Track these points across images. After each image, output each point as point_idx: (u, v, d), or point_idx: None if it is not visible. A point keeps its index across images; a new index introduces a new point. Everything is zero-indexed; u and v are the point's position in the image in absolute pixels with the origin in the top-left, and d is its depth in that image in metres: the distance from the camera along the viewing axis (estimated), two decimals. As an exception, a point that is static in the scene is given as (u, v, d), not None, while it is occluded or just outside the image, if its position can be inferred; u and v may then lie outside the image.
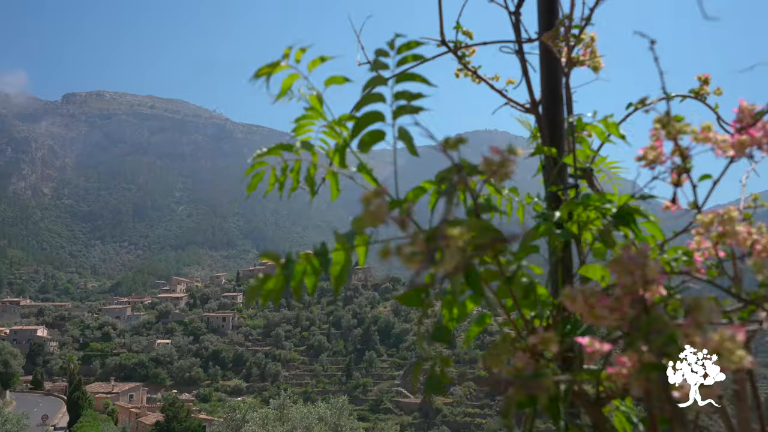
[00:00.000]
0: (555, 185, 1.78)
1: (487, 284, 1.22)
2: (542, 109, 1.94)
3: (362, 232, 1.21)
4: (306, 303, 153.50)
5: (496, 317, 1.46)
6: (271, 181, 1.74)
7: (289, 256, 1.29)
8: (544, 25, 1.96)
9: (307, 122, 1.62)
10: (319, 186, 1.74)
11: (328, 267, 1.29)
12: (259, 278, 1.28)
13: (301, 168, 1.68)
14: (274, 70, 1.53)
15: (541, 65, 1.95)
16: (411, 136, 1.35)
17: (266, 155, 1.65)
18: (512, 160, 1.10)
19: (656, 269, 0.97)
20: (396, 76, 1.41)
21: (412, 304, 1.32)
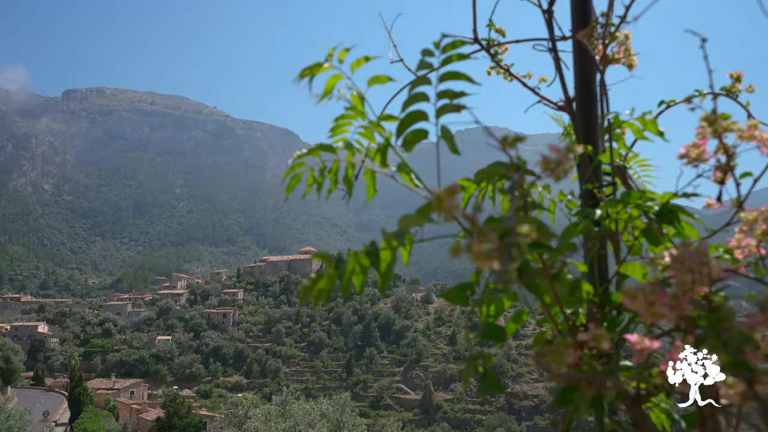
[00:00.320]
0: (590, 183, 1.77)
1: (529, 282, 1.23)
2: (576, 107, 1.93)
3: (408, 231, 1.25)
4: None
5: (533, 315, 1.47)
6: (309, 182, 1.75)
7: (341, 256, 1.34)
8: (577, 22, 1.95)
9: (345, 122, 1.64)
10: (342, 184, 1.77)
11: (379, 265, 1.32)
12: (312, 278, 1.35)
13: (339, 168, 1.69)
14: (317, 71, 1.56)
15: (574, 63, 1.94)
16: (452, 135, 1.37)
17: (306, 156, 1.67)
18: (570, 159, 1.11)
19: (719, 267, 0.96)
20: (440, 76, 1.43)
21: (457, 301, 1.33)
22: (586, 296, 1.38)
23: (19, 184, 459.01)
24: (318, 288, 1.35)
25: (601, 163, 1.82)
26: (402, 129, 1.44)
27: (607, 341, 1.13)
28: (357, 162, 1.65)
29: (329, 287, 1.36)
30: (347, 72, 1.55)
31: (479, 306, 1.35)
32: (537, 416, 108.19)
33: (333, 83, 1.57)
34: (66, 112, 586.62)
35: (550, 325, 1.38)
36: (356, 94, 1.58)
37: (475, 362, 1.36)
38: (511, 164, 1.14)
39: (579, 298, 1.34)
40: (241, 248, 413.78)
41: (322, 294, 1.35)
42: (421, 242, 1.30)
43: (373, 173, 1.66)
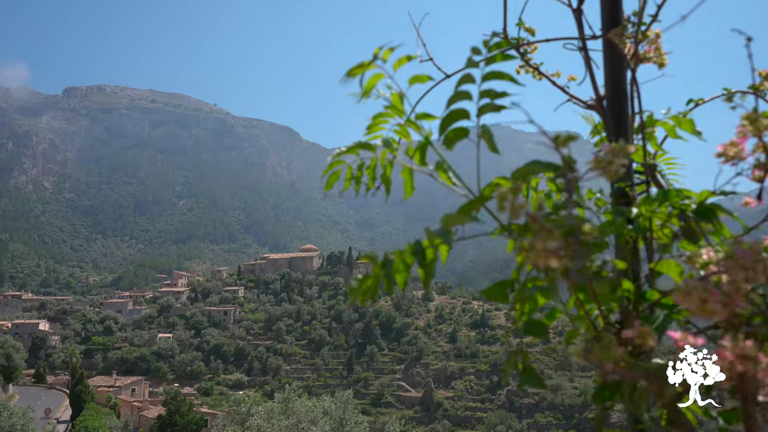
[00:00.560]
0: (622, 181, 1.77)
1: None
2: (607, 106, 1.93)
3: (451, 229, 1.31)
4: (307, 297, 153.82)
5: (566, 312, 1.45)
6: (347, 179, 1.78)
7: (387, 256, 1.39)
8: (607, 21, 1.96)
9: (382, 120, 1.67)
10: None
11: (425, 263, 1.37)
12: (359, 279, 1.40)
13: (377, 166, 1.73)
14: (364, 70, 1.60)
15: (604, 62, 1.95)
16: (492, 134, 1.40)
17: (345, 154, 1.70)
18: (623, 159, 1.12)
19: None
20: (484, 75, 1.47)
21: (497, 298, 1.35)
22: (626, 294, 1.40)
23: (19, 182, 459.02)
24: (364, 288, 1.39)
25: (632, 161, 1.82)
26: (444, 127, 1.46)
27: (652, 338, 1.14)
28: (392, 159, 1.70)
29: (375, 286, 1.40)
30: (390, 71, 1.60)
31: (519, 303, 1.37)
32: (537, 414, 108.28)
33: (374, 82, 1.62)
34: (66, 109, 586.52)
35: (583, 323, 1.38)
36: (397, 92, 1.62)
37: (515, 357, 1.42)
38: (565, 164, 1.15)
39: (619, 296, 1.36)
40: (241, 246, 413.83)
41: (368, 293, 1.40)
42: (462, 240, 1.34)
43: (411, 171, 1.68)
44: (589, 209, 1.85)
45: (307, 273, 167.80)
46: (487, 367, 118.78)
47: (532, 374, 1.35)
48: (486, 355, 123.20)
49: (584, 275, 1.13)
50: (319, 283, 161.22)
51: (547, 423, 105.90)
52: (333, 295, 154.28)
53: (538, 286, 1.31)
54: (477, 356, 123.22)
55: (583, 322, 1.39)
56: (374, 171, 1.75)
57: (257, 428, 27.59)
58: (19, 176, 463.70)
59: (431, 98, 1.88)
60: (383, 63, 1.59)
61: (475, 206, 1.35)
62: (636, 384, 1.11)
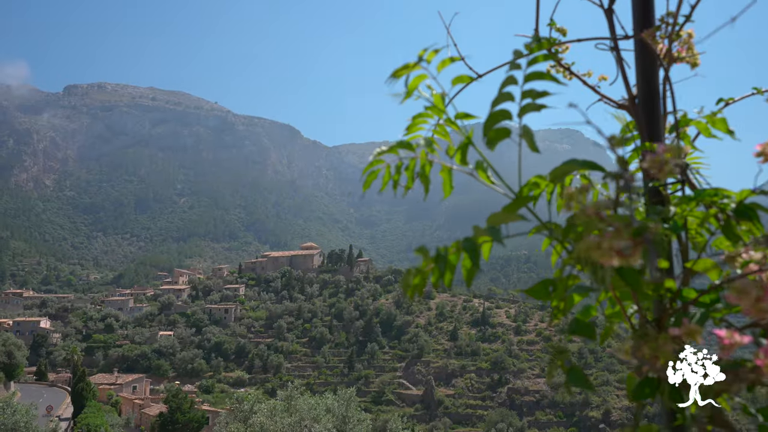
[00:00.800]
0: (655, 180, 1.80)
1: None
2: (640, 105, 1.94)
3: (498, 228, 1.34)
4: (308, 295, 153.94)
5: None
6: (385, 179, 1.81)
7: (440, 251, 1.44)
8: (638, 21, 1.96)
9: (421, 120, 1.71)
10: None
11: (477, 259, 1.39)
12: (411, 273, 1.45)
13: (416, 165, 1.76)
14: (408, 71, 1.65)
15: (636, 62, 1.96)
16: (533, 133, 1.43)
17: (386, 153, 1.74)
18: (680, 159, 1.13)
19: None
20: (526, 75, 1.51)
21: (539, 296, 1.39)
22: (666, 293, 1.41)
23: (20, 180, 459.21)
24: (415, 282, 1.43)
25: None
26: (487, 127, 1.50)
27: (700, 336, 1.13)
28: (432, 159, 1.72)
29: (423, 282, 1.44)
30: (433, 72, 1.64)
31: (559, 301, 1.40)
32: (538, 411, 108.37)
33: (417, 82, 1.67)
34: (67, 107, 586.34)
35: (620, 320, 1.40)
36: (439, 93, 1.66)
37: (561, 356, 1.40)
38: (622, 163, 1.16)
39: (662, 294, 1.38)
40: (242, 244, 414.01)
41: (417, 288, 1.43)
42: (507, 238, 1.36)
43: (450, 170, 1.72)
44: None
45: (307, 271, 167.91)
46: (488, 365, 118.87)
47: (579, 374, 1.34)
48: (486, 352, 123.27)
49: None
50: (320, 281, 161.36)
51: (548, 421, 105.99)
52: (334, 293, 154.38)
53: (580, 285, 1.33)
54: (478, 354, 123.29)
55: (621, 320, 1.39)
56: (413, 171, 1.78)
57: (260, 426, 27.64)
58: (20, 174, 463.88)
59: (462, 97, 1.91)
60: (427, 64, 1.63)
61: (520, 205, 1.38)
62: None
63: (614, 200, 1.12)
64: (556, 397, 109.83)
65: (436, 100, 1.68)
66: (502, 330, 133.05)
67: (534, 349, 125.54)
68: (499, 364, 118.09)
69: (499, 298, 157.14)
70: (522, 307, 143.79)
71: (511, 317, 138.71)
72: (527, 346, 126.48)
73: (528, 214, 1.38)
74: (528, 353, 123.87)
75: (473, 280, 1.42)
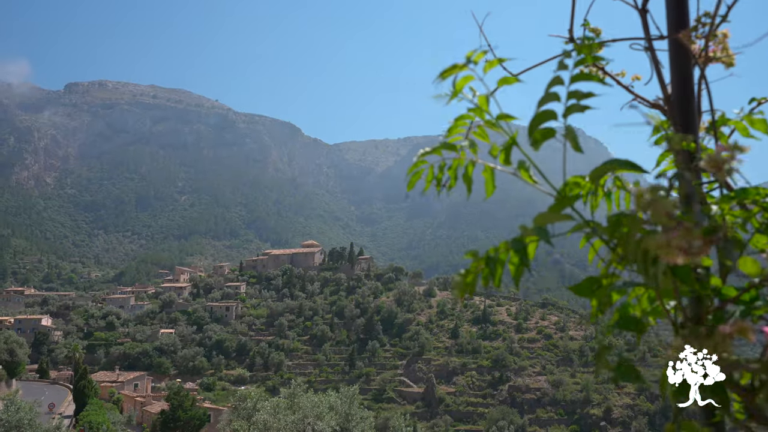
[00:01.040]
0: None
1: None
2: (675, 105, 1.95)
3: (545, 228, 1.37)
4: (309, 293, 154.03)
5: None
6: (428, 179, 1.85)
7: (490, 252, 1.48)
8: (673, 21, 1.98)
9: (462, 122, 1.75)
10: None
11: (526, 258, 1.44)
12: (461, 274, 1.50)
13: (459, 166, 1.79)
14: (456, 72, 1.69)
15: (671, 61, 1.97)
16: (576, 134, 1.49)
17: (429, 154, 1.79)
18: (738, 158, 1.14)
19: None
20: (572, 76, 1.56)
21: (584, 294, 1.40)
22: (707, 291, 1.42)
23: (21, 178, 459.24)
24: (467, 281, 1.48)
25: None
26: (533, 127, 1.55)
27: (753, 334, 1.14)
28: (473, 159, 1.75)
29: (474, 281, 1.49)
30: (480, 73, 1.69)
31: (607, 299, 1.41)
32: (539, 409, 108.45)
33: (463, 83, 1.71)
34: (68, 105, 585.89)
35: (656, 317, 1.42)
36: (484, 94, 1.71)
37: (608, 351, 1.39)
38: (686, 163, 1.20)
39: (709, 291, 1.39)
40: (243, 242, 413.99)
41: (468, 288, 1.48)
42: (554, 237, 1.39)
43: (492, 170, 1.76)
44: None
45: (308, 268, 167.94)
46: (489, 363, 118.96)
47: (629, 369, 1.34)
48: (487, 350, 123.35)
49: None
50: (321, 279, 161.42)
51: (549, 418, 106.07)
52: (335, 291, 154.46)
53: (628, 282, 1.34)
54: (479, 352, 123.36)
55: (658, 316, 1.42)
56: (456, 171, 1.81)
57: (263, 423, 27.71)
58: (20, 172, 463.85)
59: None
60: (474, 65, 1.67)
61: (565, 205, 1.39)
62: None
63: (683, 200, 1.16)
64: (557, 395, 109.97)
65: (480, 101, 1.72)
66: (503, 328, 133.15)
67: (535, 347, 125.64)
68: (500, 362, 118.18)
69: (500, 295, 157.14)
70: (523, 305, 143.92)
71: (512, 315, 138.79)
72: (528, 344, 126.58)
73: (564, 212, 1.41)
74: (529, 351, 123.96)
75: (520, 278, 1.47)
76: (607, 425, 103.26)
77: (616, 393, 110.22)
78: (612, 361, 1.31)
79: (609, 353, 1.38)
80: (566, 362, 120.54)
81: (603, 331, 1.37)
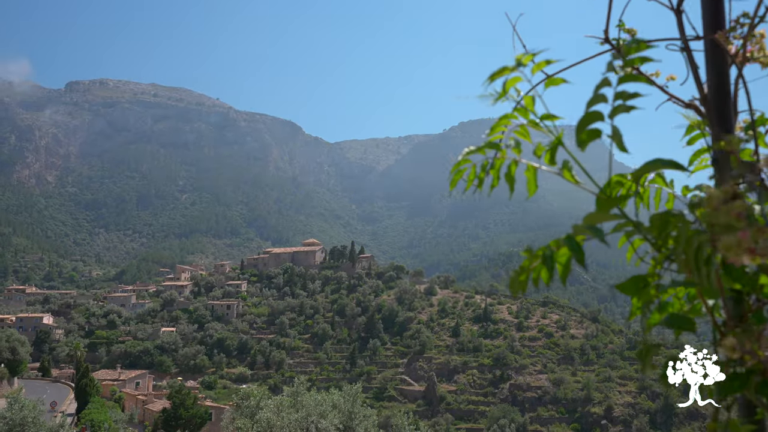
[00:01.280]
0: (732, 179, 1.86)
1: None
2: (712, 105, 1.96)
3: (600, 227, 1.39)
4: (310, 291, 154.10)
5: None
6: (471, 178, 1.88)
7: (545, 250, 1.51)
8: (708, 21, 1.99)
9: (505, 121, 1.79)
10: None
11: (581, 256, 1.45)
12: (516, 272, 1.55)
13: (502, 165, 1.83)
14: (505, 74, 1.74)
15: (707, 62, 1.98)
16: (621, 134, 1.52)
17: (473, 153, 1.82)
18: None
19: None
20: (620, 78, 1.60)
21: (629, 292, 1.41)
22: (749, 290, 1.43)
23: (22, 176, 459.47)
24: (521, 279, 1.52)
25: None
26: (580, 128, 1.58)
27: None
28: (515, 158, 1.79)
29: (527, 280, 1.53)
30: (528, 75, 1.73)
31: (651, 298, 1.43)
32: (540, 407, 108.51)
33: (511, 84, 1.76)
34: (69, 103, 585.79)
35: (697, 316, 1.43)
36: (531, 95, 1.75)
37: (655, 350, 1.40)
38: (746, 164, 1.23)
39: (759, 289, 1.41)
40: (244, 240, 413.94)
41: (522, 285, 1.52)
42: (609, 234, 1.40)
43: (535, 170, 1.79)
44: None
45: (309, 267, 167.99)
46: (490, 361, 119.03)
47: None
48: (488, 349, 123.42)
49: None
50: (322, 277, 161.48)
51: (550, 417, 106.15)
52: (336, 289, 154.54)
53: (677, 281, 1.36)
54: (480, 350, 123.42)
55: (698, 315, 1.43)
56: (499, 170, 1.84)
57: (267, 421, 27.76)
58: (22, 170, 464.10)
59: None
60: (523, 67, 1.72)
61: (612, 204, 1.41)
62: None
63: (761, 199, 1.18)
64: (557, 393, 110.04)
65: (526, 102, 1.76)
66: (504, 326, 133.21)
67: (536, 345, 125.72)
68: (501, 361, 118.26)
69: (501, 294, 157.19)
70: (524, 304, 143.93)
71: (513, 313, 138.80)
72: (529, 342, 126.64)
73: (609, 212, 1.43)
74: (530, 349, 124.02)
75: (567, 277, 1.50)
76: (608, 423, 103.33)
77: (617, 391, 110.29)
78: (657, 363, 1.37)
79: (656, 352, 1.38)
80: (567, 360, 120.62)
81: (645, 328, 1.41)
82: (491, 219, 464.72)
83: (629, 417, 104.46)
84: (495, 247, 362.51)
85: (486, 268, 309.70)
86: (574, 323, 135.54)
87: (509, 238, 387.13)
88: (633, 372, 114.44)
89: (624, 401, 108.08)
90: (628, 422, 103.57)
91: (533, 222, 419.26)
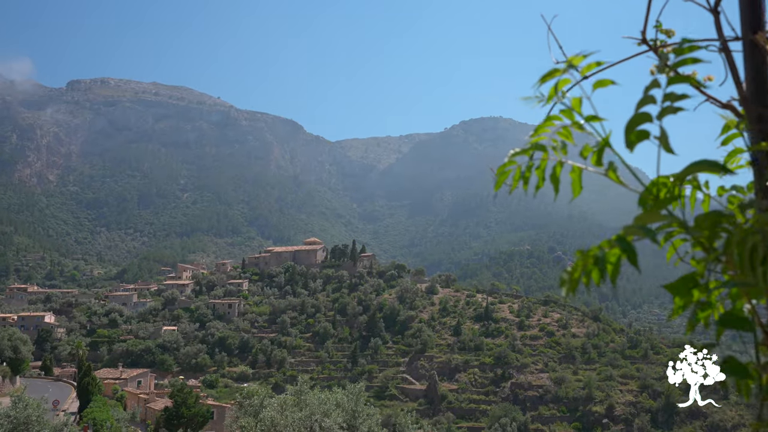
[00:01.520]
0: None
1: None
2: (751, 105, 1.96)
3: (651, 227, 1.42)
4: (311, 290, 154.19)
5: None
6: (516, 178, 1.92)
7: (597, 251, 1.54)
8: (747, 21, 2.00)
9: (549, 123, 1.82)
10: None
11: (634, 256, 1.46)
12: (568, 272, 1.59)
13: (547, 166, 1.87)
14: (556, 76, 1.78)
15: (745, 62, 1.98)
16: (667, 135, 1.56)
17: (519, 154, 1.86)
18: None
19: None
20: (669, 79, 1.63)
21: (678, 293, 1.43)
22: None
23: (24, 175, 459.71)
24: (574, 278, 1.55)
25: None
26: (629, 129, 1.61)
27: None
28: (561, 159, 1.83)
29: (578, 279, 1.57)
30: (577, 77, 1.77)
31: (697, 298, 1.45)
32: (541, 406, 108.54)
33: (561, 86, 1.80)
34: (70, 102, 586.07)
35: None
36: (578, 97, 1.78)
37: (710, 350, 1.47)
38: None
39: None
40: (245, 239, 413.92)
41: (574, 285, 1.56)
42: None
43: (580, 171, 1.83)
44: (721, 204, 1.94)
45: (311, 266, 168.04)
46: (491, 360, 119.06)
47: (736, 365, 1.36)
48: (490, 347, 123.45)
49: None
50: (323, 276, 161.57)
51: (551, 416, 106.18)
52: (337, 288, 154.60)
53: (729, 282, 1.36)
54: (481, 349, 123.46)
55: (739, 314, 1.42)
56: (544, 171, 1.87)
57: (271, 420, 27.80)
58: (23, 169, 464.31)
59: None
60: (572, 68, 1.75)
61: (662, 206, 1.44)
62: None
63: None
64: (558, 392, 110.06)
65: (573, 103, 1.78)
66: (506, 325, 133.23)
67: (537, 344, 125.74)
68: (502, 359, 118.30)
69: (503, 293, 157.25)
70: (525, 302, 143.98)
71: (514, 312, 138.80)
72: (530, 341, 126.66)
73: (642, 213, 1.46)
74: (531, 348, 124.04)
75: (617, 277, 1.52)
76: (610, 422, 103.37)
77: (619, 390, 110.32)
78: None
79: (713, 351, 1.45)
80: (568, 359, 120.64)
81: (690, 326, 1.43)
82: (492, 218, 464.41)
83: (630, 416, 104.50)
84: (496, 246, 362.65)
85: (487, 266, 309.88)
86: (575, 322, 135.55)
87: (510, 237, 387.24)
88: (634, 371, 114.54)
89: (625, 400, 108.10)
90: (629, 421, 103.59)
91: (534, 221, 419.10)
